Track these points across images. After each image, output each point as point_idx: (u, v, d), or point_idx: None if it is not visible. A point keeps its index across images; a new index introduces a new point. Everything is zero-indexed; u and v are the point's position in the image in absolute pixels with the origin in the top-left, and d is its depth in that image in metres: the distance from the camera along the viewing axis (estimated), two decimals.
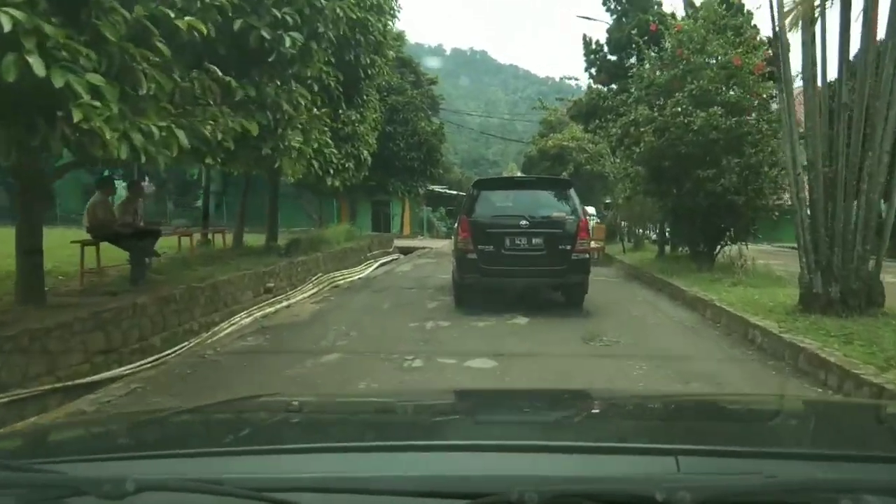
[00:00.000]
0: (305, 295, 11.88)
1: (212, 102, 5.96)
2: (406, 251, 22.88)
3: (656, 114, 12.17)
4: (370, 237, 21.52)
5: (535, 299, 10.01)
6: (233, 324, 9.25)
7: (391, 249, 21.89)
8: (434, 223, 37.15)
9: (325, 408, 1.98)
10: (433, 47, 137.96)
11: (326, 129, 12.75)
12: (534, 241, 9.26)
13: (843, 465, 1.13)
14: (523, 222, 9.25)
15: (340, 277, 14.33)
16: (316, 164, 12.33)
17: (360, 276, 15.15)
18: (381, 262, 18.60)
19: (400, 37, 27.86)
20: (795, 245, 7.51)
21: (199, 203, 30.26)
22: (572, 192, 9.84)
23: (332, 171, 12.76)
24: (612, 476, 1.06)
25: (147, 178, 32.16)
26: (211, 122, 5.97)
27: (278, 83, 7.58)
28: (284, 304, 10.49)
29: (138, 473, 0.93)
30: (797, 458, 1.18)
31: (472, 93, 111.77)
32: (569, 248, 9.25)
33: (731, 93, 11.45)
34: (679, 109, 11.69)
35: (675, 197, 12.50)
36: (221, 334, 8.57)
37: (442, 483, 1.00)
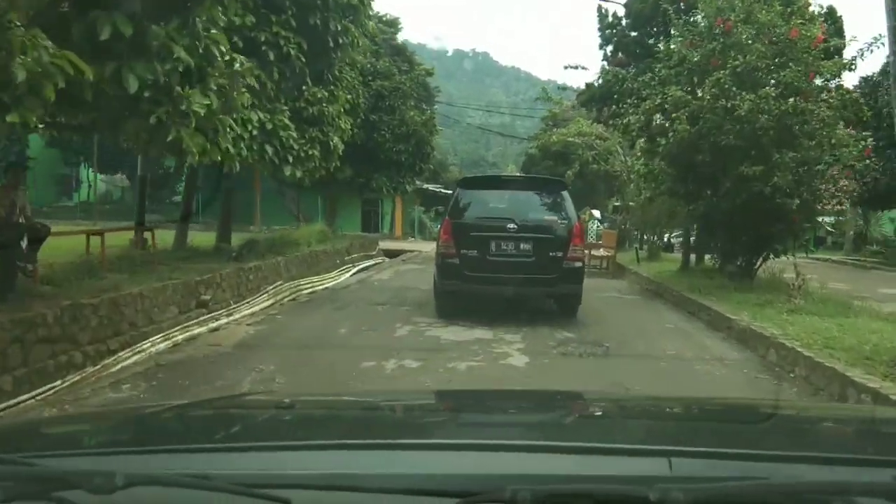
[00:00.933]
0: (254, 309, 9.61)
1: (19, 24, 3.66)
2: (392, 254, 20.60)
3: (689, 97, 9.86)
4: (350, 239, 19.18)
5: (534, 324, 8.13)
6: (138, 352, 7.01)
7: (374, 252, 19.58)
8: (426, 224, 34.86)
9: (317, 405, 1.92)
10: (434, 48, 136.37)
11: (286, 108, 10.50)
12: (522, 246, 8.49)
13: (835, 467, 1.10)
14: (511, 226, 8.46)
15: (307, 286, 12.12)
16: (270, 150, 10.09)
17: (329, 285, 12.84)
18: (359, 267, 16.31)
19: (394, 23, 25.73)
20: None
21: (178, 198, 28.05)
22: (566, 194, 9.12)
23: (290, 159, 10.46)
24: (605, 476, 1.04)
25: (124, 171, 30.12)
26: (22, 55, 3.68)
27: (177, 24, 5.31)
28: (213, 325, 8.19)
29: (128, 468, 0.91)
30: (789, 460, 1.13)
31: (474, 95, 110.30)
32: (560, 255, 8.48)
33: (786, 71, 9.16)
34: (718, 91, 9.41)
35: (710, 198, 10.21)
36: (115, 369, 6.35)
37: (434, 481, 0.98)
